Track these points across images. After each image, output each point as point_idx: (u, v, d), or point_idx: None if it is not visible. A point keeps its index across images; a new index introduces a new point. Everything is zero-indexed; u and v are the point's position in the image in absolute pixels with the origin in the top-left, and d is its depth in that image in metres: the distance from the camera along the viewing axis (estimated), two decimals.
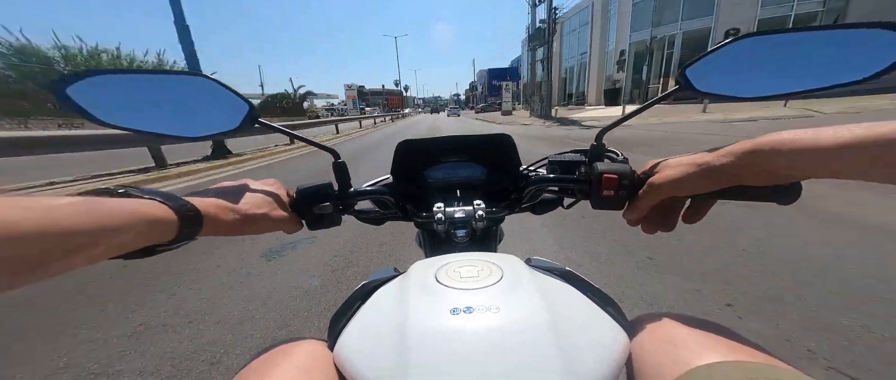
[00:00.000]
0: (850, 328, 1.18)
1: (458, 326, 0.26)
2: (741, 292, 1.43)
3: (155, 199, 0.27)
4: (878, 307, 1.27)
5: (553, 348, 0.24)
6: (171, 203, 0.28)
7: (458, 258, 0.36)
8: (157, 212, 0.26)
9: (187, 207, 0.29)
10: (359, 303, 0.35)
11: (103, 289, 1.73)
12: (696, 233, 1.93)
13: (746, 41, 0.36)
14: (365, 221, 0.55)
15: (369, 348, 0.28)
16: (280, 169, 5.83)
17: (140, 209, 0.25)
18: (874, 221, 2.04)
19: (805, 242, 1.86)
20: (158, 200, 0.27)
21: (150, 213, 0.26)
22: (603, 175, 0.39)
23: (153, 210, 0.26)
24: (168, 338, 1.33)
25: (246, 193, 0.37)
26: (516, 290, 0.30)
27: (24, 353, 1.28)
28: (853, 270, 1.54)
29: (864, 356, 1.08)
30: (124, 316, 1.49)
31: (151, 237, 0.26)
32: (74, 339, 1.34)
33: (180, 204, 0.29)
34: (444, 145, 0.57)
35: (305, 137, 0.49)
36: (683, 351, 0.29)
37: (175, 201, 0.28)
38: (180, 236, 0.29)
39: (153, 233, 0.26)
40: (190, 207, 0.29)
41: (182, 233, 0.28)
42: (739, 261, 1.69)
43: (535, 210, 0.56)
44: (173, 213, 0.28)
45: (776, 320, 1.25)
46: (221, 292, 1.68)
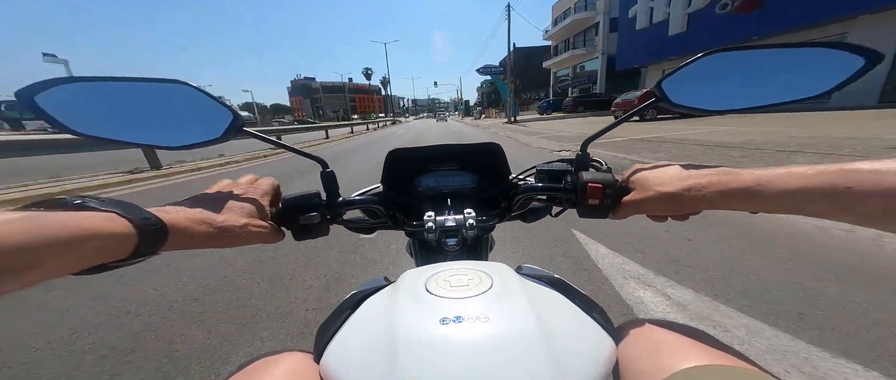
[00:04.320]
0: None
1: (447, 335, 0.26)
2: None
3: (112, 211, 0.25)
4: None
5: (542, 356, 0.25)
6: (131, 215, 0.26)
7: (448, 267, 0.36)
8: (113, 226, 0.24)
9: (150, 220, 0.27)
10: (347, 313, 0.35)
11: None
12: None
13: (718, 55, 0.38)
14: (354, 230, 0.55)
15: (357, 359, 0.28)
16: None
17: (92, 224, 0.23)
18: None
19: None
20: (116, 211, 0.25)
21: (104, 227, 0.24)
22: (588, 184, 0.40)
23: (108, 224, 0.24)
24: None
25: (227, 202, 0.35)
26: (506, 298, 0.30)
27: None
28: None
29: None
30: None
31: (105, 253, 0.24)
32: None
33: (141, 216, 0.26)
34: (434, 154, 0.57)
35: (292, 146, 0.48)
36: (667, 356, 0.30)
37: (135, 213, 0.26)
38: (138, 252, 0.26)
39: (107, 249, 0.24)
40: (153, 220, 0.27)
41: (141, 249, 0.26)
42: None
43: (525, 218, 0.57)
44: (132, 226, 0.25)
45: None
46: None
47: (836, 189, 0.24)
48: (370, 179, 0.78)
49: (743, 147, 4.64)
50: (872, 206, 0.23)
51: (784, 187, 0.27)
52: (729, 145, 4.88)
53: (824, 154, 3.71)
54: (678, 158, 2.71)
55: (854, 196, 0.24)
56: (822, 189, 0.25)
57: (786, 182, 0.27)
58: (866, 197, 0.23)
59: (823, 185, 0.25)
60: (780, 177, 0.28)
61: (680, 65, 0.39)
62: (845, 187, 0.24)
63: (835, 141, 4.42)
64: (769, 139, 5.13)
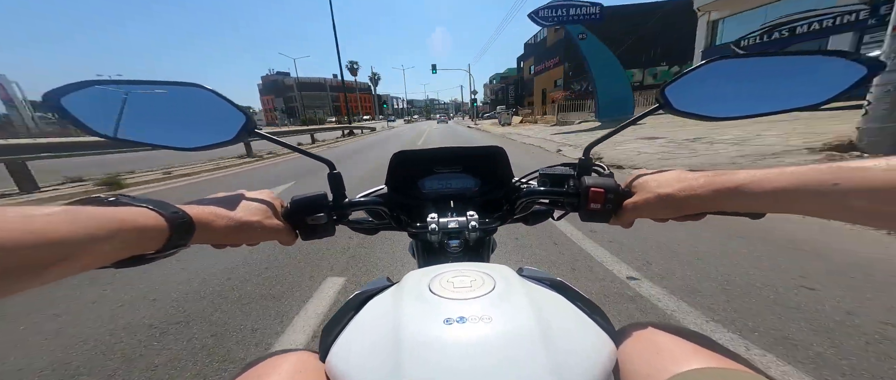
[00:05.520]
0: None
1: (451, 335, 0.27)
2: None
3: (145, 206, 0.28)
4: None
5: (543, 357, 0.25)
6: (162, 210, 0.28)
7: (451, 268, 0.37)
8: (147, 219, 0.26)
9: (179, 214, 0.29)
10: (352, 313, 0.35)
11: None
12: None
13: (721, 63, 0.38)
14: (359, 230, 0.56)
15: (362, 358, 0.28)
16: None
17: (128, 217, 0.25)
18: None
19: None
20: (148, 207, 0.28)
21: (139, 221, 0.26)
22: (590, 189, 0.41)
23: (142, 218, 0.26)
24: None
25: (241, 202, 0.38)
26: (508, 300, 0.31)
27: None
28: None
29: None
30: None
31: (141, 245, 0.26)
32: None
33: (171, 211, 0.29)
34: (438, 156, 0.58)
35: (300, 148, 0.50)
36: (667, 359, 0.30)
37: (166, 209, 0.29)
38: (171, 243, 0.29)
39: (143, 241, 0.26)
40: (181, 215, 0.30)
41: (173, 240, 0.28)
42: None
43: (527, 221, 0.58)
44: (164, 220, 0.28)
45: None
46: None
47: (826, 186, 0.25)
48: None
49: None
50: (859, 202, 0.24)
51: (776, 186, 0.28)
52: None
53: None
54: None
55: (842, 193, 0.24)
56: (813, 187, 0.25)
57: (778, 180, 0.28)
58: (854, 194, 0.24)
59: (813, 182, 0.25)
60: (773, 175, 0.28)
61: (683, 72, 0.40)
62: (833, 184, 0.24)
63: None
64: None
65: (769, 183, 0.28)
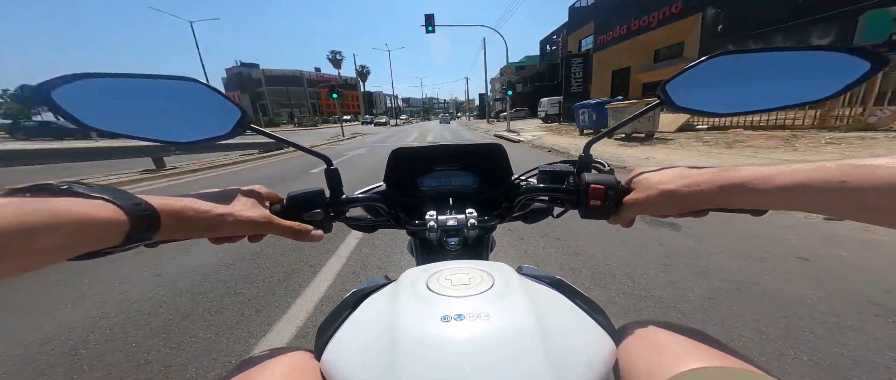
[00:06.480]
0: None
1: (448, 333, 0.26)
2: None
3: (101, 197, 0.25)
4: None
5: (542, 355, 0.25)
6: (121, 202, 0.25)
7: (449, 266, 0.36)
8: (104, 212, 0.24)
9: (141, 206, 0.26)
10: (348, 311, 0.35)
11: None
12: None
13: (723, 58, 0.38)
14: (356, 228, 0.55)
15: (358, 356, 0.28)
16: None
17: (82, 209, 0.22)
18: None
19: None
20: (105, 198, 0.25)
21: (94, 213, 0.23)
22: (590, 186, 0.40)
23: (98, 210, 0.23)
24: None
25: (222, 196, 0.36)
26: (507, 297, 0.30)
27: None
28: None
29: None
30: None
31: (97, 240, 0.23)
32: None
33: (133, 202, 0.26)
34: (436, 154, 0.58)
35: (297, 144, 0.49)
36: (668, 357, 0.29)
37: (126, 200, 0.26)
38: (131, 238, 0.26)
39: (99, 235, 0.23)
40: (144, 207, 0.26)
41: (133, 235, 0.26)
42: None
43: (526, 219, 0.57)
44: (123, 212, 0.25)
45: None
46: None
47: (833, 184, 0.24)
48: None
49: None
50: (868, 200, 0.23)
51: (782, 183, 0.27)
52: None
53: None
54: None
55: (850, 190, 0.24)
56: (820, 184, 0.25)
57: (785, 177, 0.27)
58: (862, 191, 0.23)
59: (821, 179, 0.25)
60: (780, 173, 0.28)
61: (684, 67, 0.39)
62: (841, 182, 0.24)
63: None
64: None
65: (776, 180, 0.28)
